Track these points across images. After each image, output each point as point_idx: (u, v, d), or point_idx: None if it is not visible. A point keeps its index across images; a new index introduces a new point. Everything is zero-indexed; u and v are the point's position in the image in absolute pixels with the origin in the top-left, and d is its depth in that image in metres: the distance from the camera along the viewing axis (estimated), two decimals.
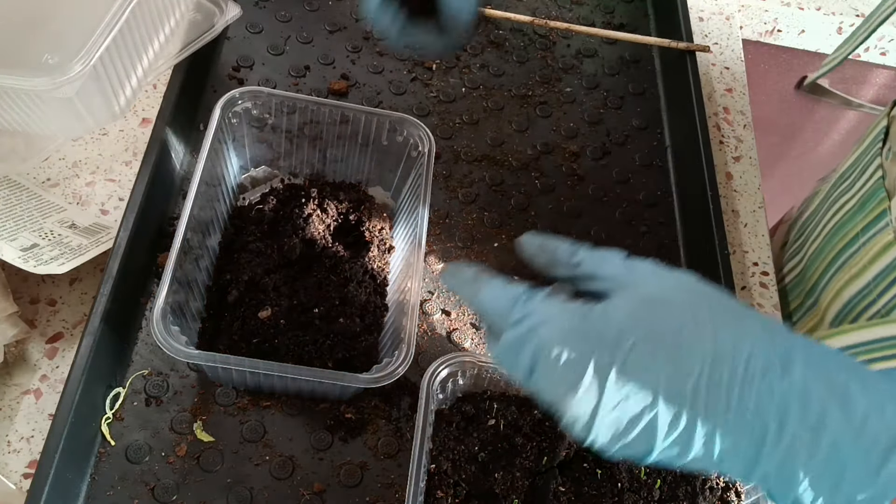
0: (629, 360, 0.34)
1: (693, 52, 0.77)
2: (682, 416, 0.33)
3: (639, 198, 0.71)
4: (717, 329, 0.34)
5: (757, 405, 0.33)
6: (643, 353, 0.34)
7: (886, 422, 0.32)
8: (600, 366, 0.34)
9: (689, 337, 0.34)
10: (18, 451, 0.52)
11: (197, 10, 0.68)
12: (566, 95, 0.77)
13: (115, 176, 0.65)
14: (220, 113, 0.57)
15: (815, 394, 0.33)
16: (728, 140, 0.79)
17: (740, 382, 0.33)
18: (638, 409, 0.34)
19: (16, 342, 0.54)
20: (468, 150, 0.71)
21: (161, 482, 0.50)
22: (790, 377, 0.33)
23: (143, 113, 0.68)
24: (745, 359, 0.33)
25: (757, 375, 0.33)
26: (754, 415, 0.33)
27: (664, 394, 0.33)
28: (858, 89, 1.11)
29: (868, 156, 0.62)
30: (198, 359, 0.48)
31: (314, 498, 0.52)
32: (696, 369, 0.33)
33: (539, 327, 0.36)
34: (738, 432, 0.33)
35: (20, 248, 0.54)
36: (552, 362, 0.35)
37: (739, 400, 0.33)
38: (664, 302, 0.36)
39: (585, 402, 0.34)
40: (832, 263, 0.63)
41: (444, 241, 0.65)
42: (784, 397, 0.33)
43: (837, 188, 0.66)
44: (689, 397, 0.33)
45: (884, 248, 0.57)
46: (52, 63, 0.54)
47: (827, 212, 0.66)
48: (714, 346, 0.34)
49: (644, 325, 0.35)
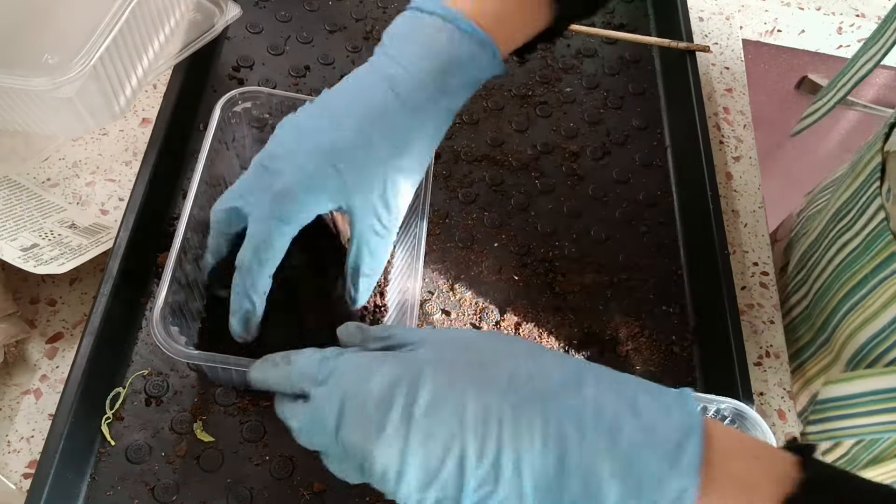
0: (431, 395, 0.35)
1: (693, 52, 0.77)
2: (489, 444, 0.34)
3: (639, 198, 0.71)
4: (516, 359, 0.36)
5: (556, 423, 0.34)
6: (445, 388, 0.35)
7: (674, 423, 0.34)
8: (404, 405, 0.35)
9: (489, 367, 0.36)
10: (18, 451, 0.52)
11: (197, 10, 0.68)
12: (566, 95, 0.77)
13: (115, 176, 0.65)
14: (220, 113, 0.57)
15: (607, 404, 0.35)
16: (728, 140, 0.79)
17: (539, 403, 0.34)
18: (446, 443, 0.34)
19: (16, 342, 0.54)
20: (468, 150, 0.71)
21: (161, 482, 0.50)
22: (582, 393, 0.35)
23: (143, 113, 0.68)
24: (541, 381, 0.35)
25: (553, 395, 0.35)
26: (555, 433, 0.34)
27: (468, 424, 0.34)
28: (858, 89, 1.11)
29: (866, 194, 0.62)
30: (198, 359, 0.48)
31: (314, 498, 0.52)
32: (496, 397, 0.35)
33: (344, 376, 0.37)
34: (543, 455, 0.34)
35: (20, 248, 0.54)
36: (358, 408, 0.36)
37: (540, 420, 0.34)
38: (466, 341, 0.38)
39: (394, 443, 0.35)
40: (842, 303, 0.63)
41: (444, 241, 0.65)
42: (579, 411, 0.34)
43: (837, 224, 0.66)
44: (493, 424, 0.34)
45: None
46: (52, 63, 0.54)
47: (829, 248, 0.66)
48: (513, 373, 0.36)
49: (447, 359, 0.36)
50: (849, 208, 0.64)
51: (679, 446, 0.33)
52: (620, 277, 0.66)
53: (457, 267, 0.64)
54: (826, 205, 0.70)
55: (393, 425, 0.35)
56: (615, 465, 0.33)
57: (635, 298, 0.65)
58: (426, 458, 0.34)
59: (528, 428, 0.34)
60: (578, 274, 0.66)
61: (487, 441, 0.34)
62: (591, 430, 0.34)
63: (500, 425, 0.34)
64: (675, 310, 0.65)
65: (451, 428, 0.34)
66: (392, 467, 0.35)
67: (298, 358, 0.40)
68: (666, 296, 0.66)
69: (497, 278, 0.64)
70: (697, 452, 0.33)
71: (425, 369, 0.36)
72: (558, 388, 0.35)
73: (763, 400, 0.63)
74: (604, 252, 0.67)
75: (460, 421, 0.34)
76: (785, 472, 0.33)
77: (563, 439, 0.34)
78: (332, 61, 0.74)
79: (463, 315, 0.62)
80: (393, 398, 0.35)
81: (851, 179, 0.65)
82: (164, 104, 0.63)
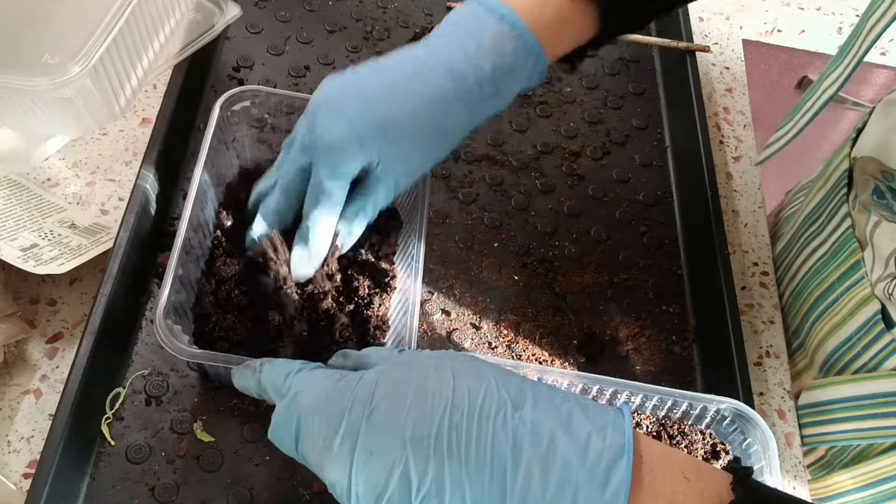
0: (376, 412, 0.36)
1: (693, 52, 0.77)
2: (430, 462, 0.35)
3: (639, 198, 0.71)
4: (456, 377, 0.37)
5: (493, 442, 0.35)
6: (390, 406, 0.36)
7: (607, 442, 0.35)
8: (351, 422, 0.36)
9: (431, 388, 0.37)
10: (18, 451, 0.52)
11: (197, 10, 0.68)
12: (566, 95, 0.77)
13: (115, 176, 0.65)
14: (220, 112, 0.57)
15: (543, 424, 0.35)
16: (728, 140, 0.79)
17: (477, 422, 0.35)
18: (390, 462, 0.35)
19: (16, 342, 0.54)
20: (468, 150, 0.71)
21: (161, 482, 0.50)
22: (521, 412, 0.36)
23: (143, 113, 0.68)
24: (481, 400, 0.36)
25: (492, 414, 0.36)
26: (492, 449, 0.35)
27: (411, 442, 0.35)
28: (858, 89, 1.11)
29: (834, 200, 0.62)
30: (201, 358, 0.48)
31: (314, 498, 0.52)
32: (438, 415, 0.36)
33: (300, 395, 0.39)
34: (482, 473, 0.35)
35: (20, 248, 0.54)
36: (311, 426, 0.38)
37: (478, 439, 0.35)
38: (411, 363, 0.39)
39: (342, 461, 0.36)
40: (812, 309, 0.64)
41: (444, 241, 0.65)
42: (516, 430, 0.35)
43: (807, 230, 0.66)
44: (434, 442, 0.35)
45: (862, 302, 0.57)
46: (52, 63, 0.54)
47: (799, 253, 0.67)
48: (452, 393, 0.36)
49: (391, 381, 0.38)
50: (818, 214, 0.65)
51: (608, 469, 0.34)
52: (620, 277, 0.66)
53: (457, 267, 0.64)
54: (800, 207, 0.70)
55: (339, 444, 0.36)
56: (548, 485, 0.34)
57: (635, 298, 0.65)
58: (371, 476, 0.36)
59: (466, 447, 0.35)
60: (578, 274, 0.66)
61: (428, 460, 0.35)
62: (527, 449, 0.35)
63: (440, 445, 0.35)
64: (675, 310, 0.65)
65: (394, 448, 0.35)
66: (341, 483, 0.37)
67: (271, 369, 0.43)
68: (666, 296, 0.66)
69: (497, 278, 0.64)
70: (626, 475, 0.34)
71: (373, 391, 0.37)
72: (497, 407, 0.36)
73: (763, 400, 0.63)
74: (604, 252, 0.67)
75: (402, 441, 0.35)
76: (715, 493, 0.35)
77: (501, 458, 0.35)
78: (332, 61, 0.74)
79: (463, 315, 0.62)
80: (341, 418, 0.37)
81: (822, 183, 0.65)
82: (164, 104, 0.63)
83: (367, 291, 0.56)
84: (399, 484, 0.35)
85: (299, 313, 0.54)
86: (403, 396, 0.36)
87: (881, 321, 0.56)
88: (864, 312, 0.57)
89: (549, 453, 0.35)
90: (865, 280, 0.57)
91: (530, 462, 0.34)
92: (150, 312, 0.57)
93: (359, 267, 0.57)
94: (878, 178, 0.57)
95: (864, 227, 0.58)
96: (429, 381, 0.37)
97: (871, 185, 0.58)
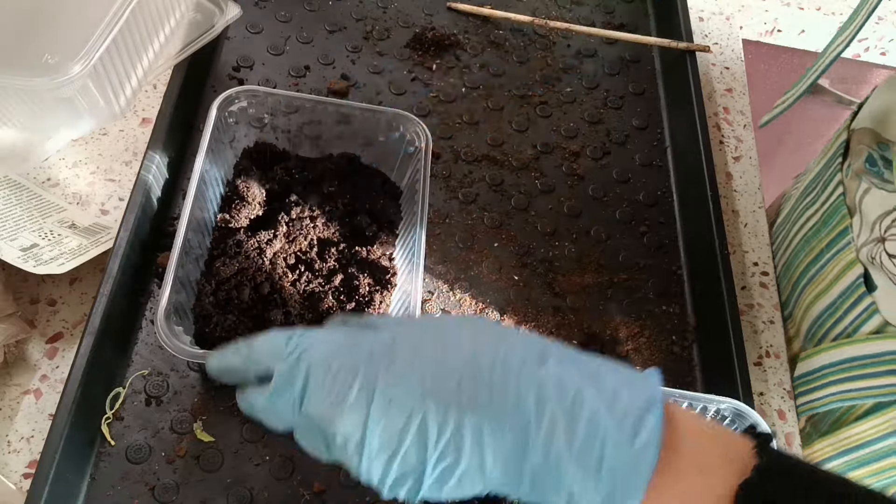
0: (395, 364, 0.35)
1: (693, 52, 0.77)
2: (450, 412, 0.34)
3: (639, 198, 0.71)
4: (478, 335, 0.37)
5: (517, 392, 0.34)
6: (410, 358, 0.35)
7: (635, 393, 0.34)
8: (368, 374, 0.35)
9: (452, 343, 0.36)
10: (18, 451, 0.52)
11: (197, 10, 0.68)
12: (566, 95, 0.77)
13: (115, 176, 0.65)
14: (217, 112, 0.57)
15: (569, 378, 0.34)
16: (728, 140, 0.79)
17: (500, 373, 0.34)
18: (407, 411, 0.34)
19: (16, 342, 0.54)
20: (468, 150, 0.71)
21: (161, 482, 0.50)
22: (546, 367, 0.35)
23: (143, 113, 0.68)
24: (504, 354, 0.35)
25: (515, 367, 0.35)
26: (515, 401, 0.34)
27: (430, 393, 0.34)
28: (858, 89, 1.11)
29: (830, 170, 0.63)
30: (202, 358, 0.48)
31: (314, 498, 0.52)
32: (459, 368, 0.35)
33: (310, 350, 0.37)
34: (503, 422, 0.34)
35: (20, 248, 0.54)
36: (322, 377, 0.36)
37: (500, 388, 0.34)
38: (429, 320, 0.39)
39: (358, 410, 0.35)
40: (801, 277, 0.65)
41: (444, 241, 0.65)
42: (541, 382, 0.34)
43: (803, 200, 0.67)
44: (454, 393, 0.34)
45: (847, 267, 0.58)
46: (52, 63, 0.54)
47: (794, 223, 0.67)
48: (474, 347, 0.36)
49: (410, 335, 0.37)
50: (814, 184, 0.65)
51: (638, 420, 0.33)
52: (620, 277, 0.66)
53: (457, 267, 0.64)
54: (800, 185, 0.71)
55: (355, 394, 0.35)
56: (574, 437, 0.33)
57: (635, 298, 0.65)
58: (387, 427, 0.34)
59: (487, 399, 0.34)
60: (578, 274, 0.66)
61: (448, 411, 0.34)
62: (553, 400, 0.34)
63: (461, 396, 0.34)
64: (675, 310, 0.65)
65: (413, 397, 0.34)
66: (353, 436, 0.35)
67: (263, 337, 0.39)
68: (666, 296, 0.66)
69: (497, 278, 0.64)
70: (657, 427, 0.33)
71: (390, 344, 0.36)
72: (521, 362, 0.35)
73: (763, 400, 0.63)
74: (604, 252, 0.67)
75: (422, 391, 0.34)
76: (742, 457, 0.34)
77: (524, 410, 0.33)
78: (332, 61, 0.74)
79: (463, 315, 0.62)
80: (357, 368, 0.35)
81: (821, 157, 0.66)
82: (164, 104, 0.63)
83: (368, 290, 0.56)
84: (416, 438, 0.34)
85: (300, 313, 0.54)
86: (424, 349, 0.36)
87: (863, 284, 0.56)
88: (848, 277, 0.58)
89: (576, 405, 0.33)
90: (852, 245, 0.58)
91: (555, 413, 0.33)
92: (150, 312, 0.57)
93: (359, 265, 0.57)
94: (872, 147, 0.58)
95: (855, 193, 0.59)
96: (449, 337, 0.36)
97: (864, 153, 0.59)
